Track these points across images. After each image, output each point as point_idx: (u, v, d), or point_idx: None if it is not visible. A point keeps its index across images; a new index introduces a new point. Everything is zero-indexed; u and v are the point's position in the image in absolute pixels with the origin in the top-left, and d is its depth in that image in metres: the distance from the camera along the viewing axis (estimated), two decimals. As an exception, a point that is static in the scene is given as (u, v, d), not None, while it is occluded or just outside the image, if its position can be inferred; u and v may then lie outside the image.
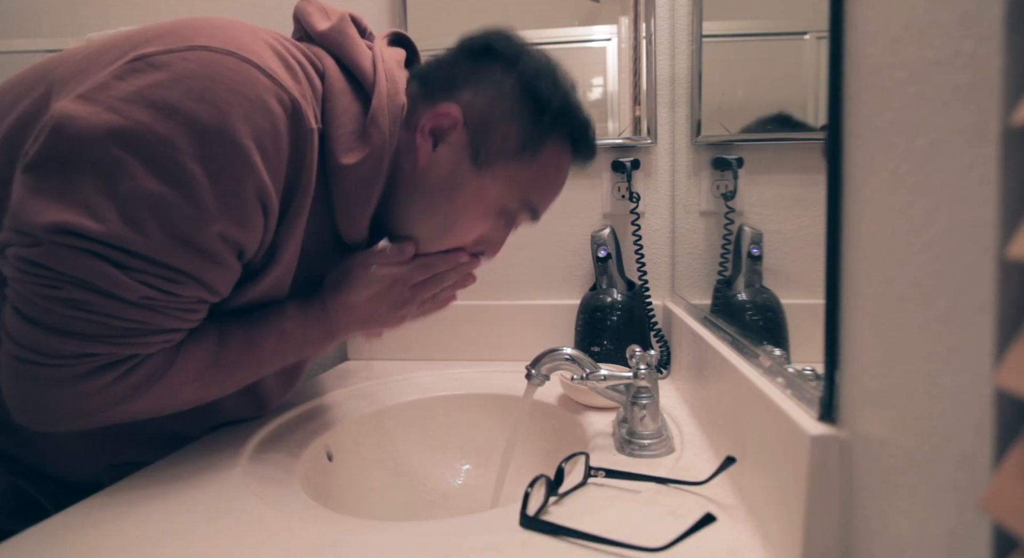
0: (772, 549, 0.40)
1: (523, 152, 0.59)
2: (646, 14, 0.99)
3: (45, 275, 0.45)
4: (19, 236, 0.45)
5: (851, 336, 0.34)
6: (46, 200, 0.44)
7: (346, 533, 0.44)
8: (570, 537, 0.42)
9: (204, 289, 0.50)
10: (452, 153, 0.59)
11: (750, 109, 0.73)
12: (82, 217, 0.44)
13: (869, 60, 0.31)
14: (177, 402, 0.55)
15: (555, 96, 0.60)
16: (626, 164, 0.99)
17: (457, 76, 0.60)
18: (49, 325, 0.46)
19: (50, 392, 0.48)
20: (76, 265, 0.44)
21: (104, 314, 0.46)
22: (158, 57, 0.46)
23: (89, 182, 0.44)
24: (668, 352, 0.92)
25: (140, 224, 0.45)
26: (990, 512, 0.19)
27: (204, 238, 0.47)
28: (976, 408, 0.23)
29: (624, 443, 0.60)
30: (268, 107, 0.48)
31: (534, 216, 0.64)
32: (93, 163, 0.44)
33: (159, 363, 0.51)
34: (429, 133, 0.59)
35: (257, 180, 0.48)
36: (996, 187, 0.21)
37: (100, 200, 0.44)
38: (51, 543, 0.44)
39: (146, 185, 0.45)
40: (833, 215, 0.35)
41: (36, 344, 0.47)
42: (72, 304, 0.46)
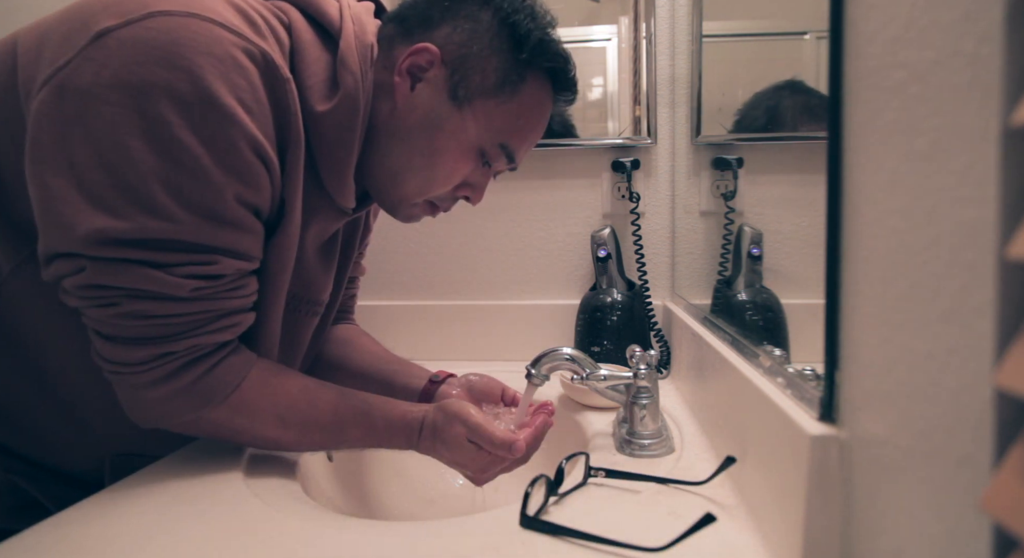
0: (772, 549, 0.40)
1: (502, 89, 0.58)
2: (646, 14, 0.99)
3: (101, 295, 0.47)
4: (65, 263, 0.47)
5: (851, 336, 0.34)
6: (67, 210, 0.45)
7: (346, 533, 0.44)
8: (570, 537, 0.42)
9: (241, 260, 0.51)
10: (430, 91, 0.58)
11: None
12: (107, 219, 0.45)
13: (869, 60, 0.31)
14: (258, 430, 0.55)
15: (534, 31, 0.59)
16: (626, 164, 0.99)
17: (433, 14, 0.59)
18: (125, 337, 0.49)
19: (148, 395, 0.51)
20: (123, 277, 0.46)
21: (165, 315, 0.49)
22: (122, 31, 0.46)
23: (102, 182, 0.45)
24: (668, 352, 0.92)
25: (159, 209, 0.46)
26: (990, 512, 0.19)
27: (222, 206, 0.48)
28: (976, 408, 0.23)
29: (624, 443, 0.60)
30: (239, 63, 0.47)
31: (511, 161, 0.63)
32: (95, 158, 0.45)
33: (238, 368, 0.53)
34: (407, 72, 0.58)
35: (249, 137, 0.48)
36: (996, 187, 0.21)
37: (116, 197, 0.45)
38: (51, 542, 0.43)
39: (150, 167, 0.45)
40: (833, 215, 0.35)
41: (121, 357, 0.49)
42: (135, 315, 0.48)
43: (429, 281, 1.08)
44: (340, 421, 0.58)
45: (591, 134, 1.03)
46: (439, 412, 0.58)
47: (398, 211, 0.65)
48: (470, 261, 1.07)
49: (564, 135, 1.03)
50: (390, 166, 0.61)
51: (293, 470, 0.59)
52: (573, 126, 1.03)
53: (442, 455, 0.59)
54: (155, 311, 0.48)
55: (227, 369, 0.53)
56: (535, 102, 0.61)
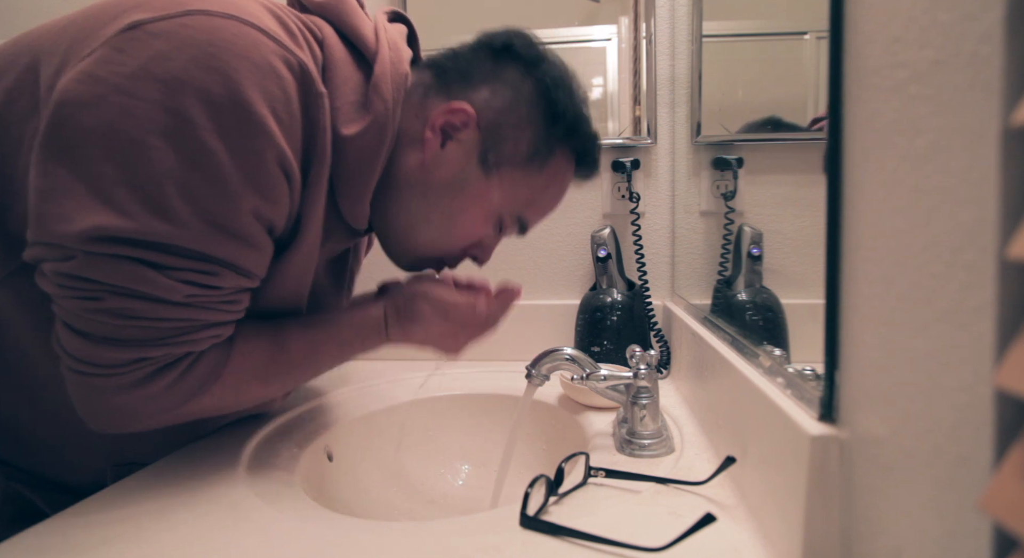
0: (772, 549, 0.40)
1: (532, 160, 0.59)
2: (646, 14, 0.99)
3: (85, 288, 0.44)
4: (51, 250, 0.43)
5: (851, 336, 0.34)
6: (67, 202, 0.42)
7: (346, 533, 0.44)
8: (570, 537, 0.42)
9: (242, 277, 0.49)
10: (461, 152, 0.58)
11: (750, 109, 0.73)
12: (110, 217, 0.42)
13: (869, 60, 0.31)
14: (243, 399, 0.55)
15: (570, 107, 0.59)
16: (626, 164, 0.99)
17: (474, 72, 0.58)
18: (99, 336, 0.46)
19: (114, 400, 0.48)
20: (114, 273, 0.44)
21: (150, 318, 0.46)
22: (155, 24, 0.43)
23: (109, 176, 0.42)
24: (668, 352, 0.92)
25: (169, 211, 0.44)
26: (990, 512, 0.19)
27: (235, 218, 0.46)
28: (976, 408, 0.23)
29: (624, 443, 0.60)
30: (277, 72, 0.46)
31: (523, 230, 0.64)
32: (109, 151, 0.42)
33: (215, 361, 0.51)
34: (440, 129, 0.57)
35: (277, 149, 0.46)
36: (996, 187, 0.21)
37: (123, 193, 0.43)
38: (51, 542, 0.43)
39: (168, 168, 0.43)
40: (833, 215, 0.35)
41: (91, 356, 0.46)
42: (117, 313, 0.45)
43: (429, 281, 1.08)
44: (314, 351, 0.57)
45: (591, 134, 1.03)
46: (398, 297, 0.61)
47: (403, 260, 0.65)
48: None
49: None
50: (407, 218, 0.60)
51: (293, 470, 0.59)
52: None
53: (413, 335, 0.61)
54: (140, 312, 0.45)
55: (203, 367, 0.51)
56: (559, 176, 0.62)
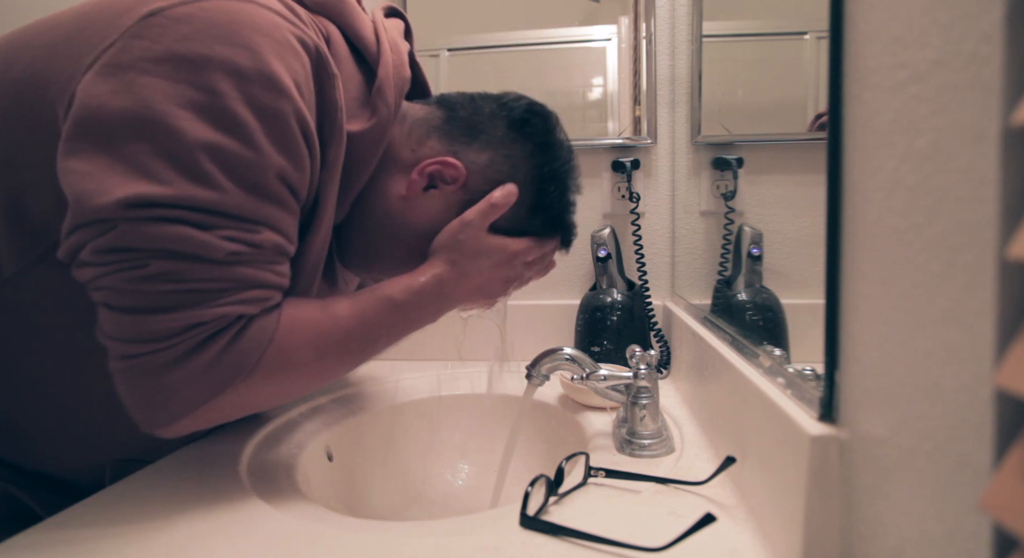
0: (772, 549, 0.40)
1: (507, 235, 0.61)
2: (646, 14, 0.99)
3: (128, 258, 0.43)
4: (90, 229, 0.43)
5: (851, 336, 0.34)
6: (105, 179, 0.42)
7: (346, 533, 0.44)
8: (570, 537, 0.42)
9: (280, 236, 0.49)
10: (441, 204, 0.59)
11: (750, 109, 0.73)
12: (148, 185, 0.42)
13: (869, 60, 0.31)
14: (297, 377, 0.51)
15: (556, 204, 0.62)
16: (626, 164, 0.99)
17: (483, 133, 0.60)
18: (148, 307, 0.44)
19: (167, 378, 0.45)
20: (156, 237, 0.43)
21: (197, 279, 0.45)
22: (174, 10, 0.44)
23: (143, 150, 0.43)
24: (668, 352, 0.92)
25: (206, 178, 0.44)
26: (990, 512, 0.19)
27: (268, 181, 0.47)
28: (976, 408, 0.23)
29: (624, 443, 0.60)
30: (295, 48, 0.47)
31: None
32: (141, 132, 0.43)
33: (265, 326, 0.49)
34: (427, 174, 0.58)
35: (300, 117, 0.47)
36: (996, 187, 0.21)
37: (159, 165, 0.43)
38: (50, 543, 0.43)
39: (200, 137, 0.43)
40: (833, 215, 0.35)
41: (141, 333, 0.44)
42: (163, 278, 0.44)
43: (429, 281, 1.08)
44: (363, 317, 0.55)
45: (591, 134, 1.03)
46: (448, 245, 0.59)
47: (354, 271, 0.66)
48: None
49: None
50: (367, 248, 0.62)
51: (293, 470, 0.59)
52: None
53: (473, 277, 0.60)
54: (186, 274, 0.44)
55: (255, 331, 0.48)
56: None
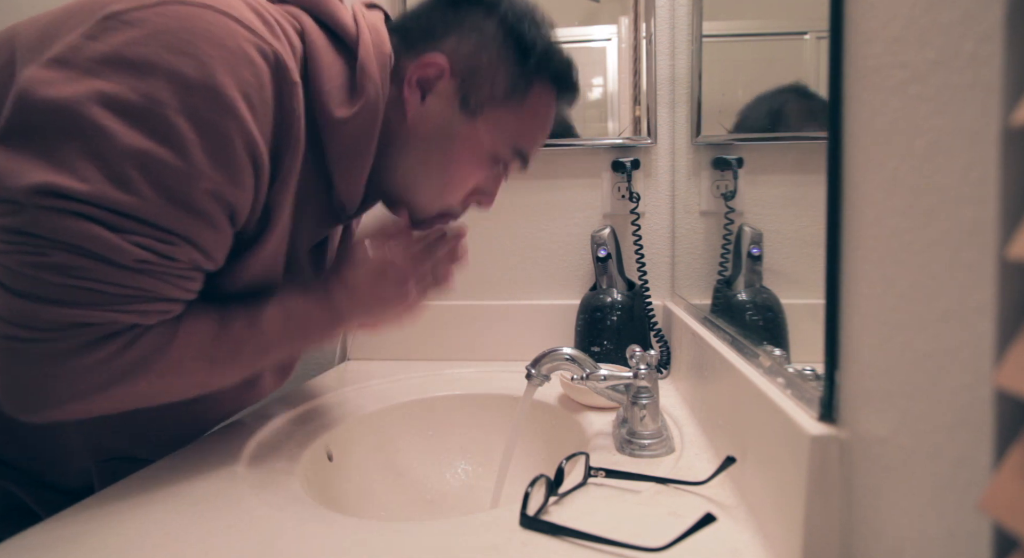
0: (772, 549, 0.40)
1: (512, 96, 0.60)
2: (646, 14, 0.99)
3: (31, 243, 0.42)
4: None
5: (851, 336, 0.34)
6: (25, 163, 0.41)
7: (346, 533, 0.44)
8: (570, 537, 0.42)
9: (198, 252, 0.48)
10: (441, 103, 0.59)
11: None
12: (66, 178, 0.41)
13: (869, 60, 0.31)
14: (184, 384, 0.52)
15: (539, 38, 0.60)
16: (626, 164, 0.99)
17: (437, 25, 0.60)
18: (40, 295, 0.43)
19: (45, 369, 0.45)
20: (64, 229, 0.42)
21: (97, 279, 0.44)
22: (131, 14, 0.44)
23: (70, 146, 0.42)
24: (668, 352, 0.92)
25: (127, 183, 0.43)
26: (990, 512, 0.19)
27: (195, 196, 0.45)
28: (976, 408, 0.23)
29: (624, 443, 0.60)
30: (251, 59, 0.46)
31: (524, 163, 0.65)
32: (71, 128, 0.42)
33: (160, 337, 0.49)
34: (416, 85, 0.58)
35: (246, 134, 0.46)
36: (996, 187, 0.21)
37: (83, 163, 0.42)
38: (50, 543, 0.43)
39: (130, 143, 0.43)
40: (833, 215, 0.35)
41: (28, 318, 0.44)
42: (63, 270, 0.43)
43: (429, 281, 1.08)
44: (258, 326, 0.54)
45: (591, 134, 1.03)
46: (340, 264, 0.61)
47: (413, 219, 0.65)
48: (470, 261, 1.07)
49: (564, 135, 1.03)
50: (403, 178, 0.61)
51: (293, 469, 0.59)
52: (572, 126, 1.04)
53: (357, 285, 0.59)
54: (87, 272, 0.43)
55: (150, 341, 0.48)
56: (542, 105, 0.63)
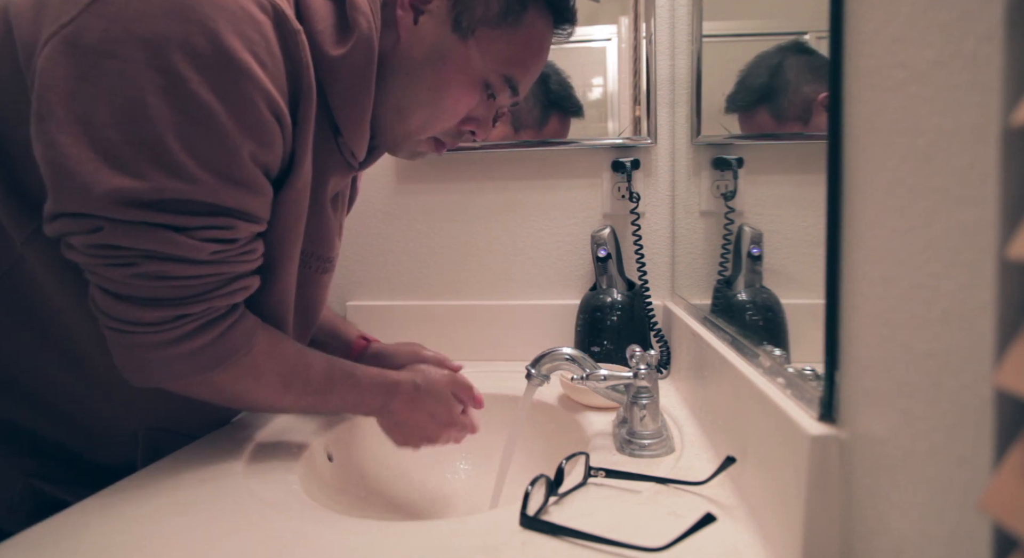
0: (772, 549, 0.40)
1: (505, 18, 0.59)
2: (646, 14, 0.99)
3: (118, 255, 0.46)
4: (76, 221, 0.45)
5: (851, 336, 0.34)
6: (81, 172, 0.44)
7: (346, 533, 0.44)
8: (570, 537, 0.42)
9: (252, 223, 0.51)
10: (433, 23, 0.59)
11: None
12: (125, 180, 0.44)
13: (869, 60, 0.31)
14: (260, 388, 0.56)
15: None
16: (626, 164, 0.99)
17: None
18: (140, 298, 0.48)
19: (156, 355, 0.50)
20: (142, 239, 0.46)
21: (183, 277, 0.48)
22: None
23: (113, 137, 0.44)
24: (668, 352, 0.92)
25: (178, 169, 0.45)
26: (990, 512, 0.19)
27: (238, 166, 0.48)
28: (976, 408, 0.23)
29: (624, 443, 0.60)
30: (252, 15, 0.47)
31: (515, 92, 0.64)
32: (108, 114, 0.44)
33: (249, 331, 0.54)
34: (409, 5, 0.58)
35: (265, 94, 0.48)
36: (996, 187, 0.21)
37: (131, 154, 0.44)
38: (50, 542, 0.43)
39: (167, 123, 0.45)
40: (833, 215, 0.35)
41: (134, 317, 0.48)
42: (152, 275, 0.47)
43: (429, 281, 1.08)
44: (331, 383, 0.60)
45: (591, 134, 1.03)
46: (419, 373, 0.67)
47: (402, 148, 0.66)
48: (470, 261, 1.07)
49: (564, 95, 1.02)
50: (395, 102, 0.61)
51: (293, 470, 0.59)
52: (571, 86, 1.03)
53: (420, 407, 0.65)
54: (173, 272, 0.48)
55: (240, 332, 0.53)
56: (537, 32, 0.62)
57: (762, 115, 0.70)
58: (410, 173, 1.07)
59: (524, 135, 1.03)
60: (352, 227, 1.09)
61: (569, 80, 1.03)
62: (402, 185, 1.08)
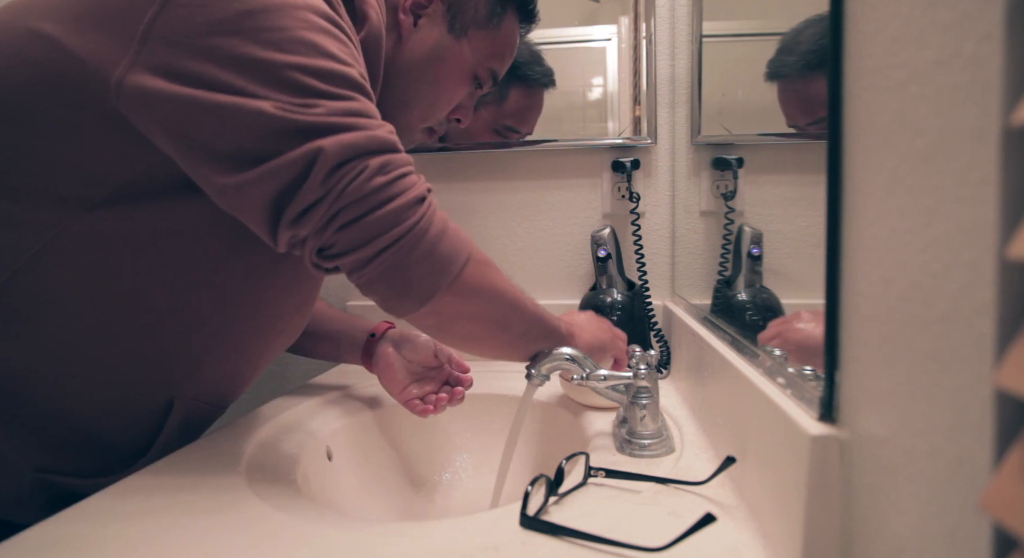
0: (772, 549, 0.40)
1: (491, 20, 0.69)
2: (646, 14, 0.99)
3: (345, 170, 0.48)
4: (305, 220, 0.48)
5: (851, 336, 0.34)
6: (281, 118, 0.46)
7: (346, 533, 0.44)
8: (570, 537, 0.42)
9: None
10: (432, 25, 0.67)
11: (750, 109, 0.73)
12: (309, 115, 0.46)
13: (869, 60, 0.31)
14: (500, 280, 0.58)
15: None
16: (626, 164, 0.99)
17: None
18: (380, 200, 0.49)
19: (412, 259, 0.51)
20: (354, 145, 0.48)
21: (400, 164, 0.52)
22: None
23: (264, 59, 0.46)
24: (668, 352, 0.92)
25: (317, 86, 0.48)
26: (990, 512, 0.19)
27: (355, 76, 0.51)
28: (976, 408, 0.23)
29: (624, 443, 0.60)
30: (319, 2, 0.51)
31: (494, 82, 0.74)
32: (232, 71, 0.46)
33: (455, 227, 0.55)
34: (410, 10, 0.65)
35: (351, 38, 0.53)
36: (996, 187, 0.21)
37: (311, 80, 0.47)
38: (50, 543, 0.44)
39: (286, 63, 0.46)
40: (833, 215, 0.35)
41: (384, 227, 0.49)
42: (381, 170, 0.50)
43: (429, 281, 1.08)
44: (540, 314, 0.63)
45: (591, 134, 1.03)
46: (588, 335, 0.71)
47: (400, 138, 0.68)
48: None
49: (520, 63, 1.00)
50: (398, 97, 0.67)
51: (293, 470, 0.59)
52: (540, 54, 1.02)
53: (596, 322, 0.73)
54: (393, 161, 0.50)
55: (454, 229, 0.54)
56: (512, 31, 0.73)
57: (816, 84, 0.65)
58: (410, 173, 1.07)
59: (484, 112, 1.01)
60: (352, 227, 1.08)
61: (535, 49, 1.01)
62: (402, 185, 1.08)
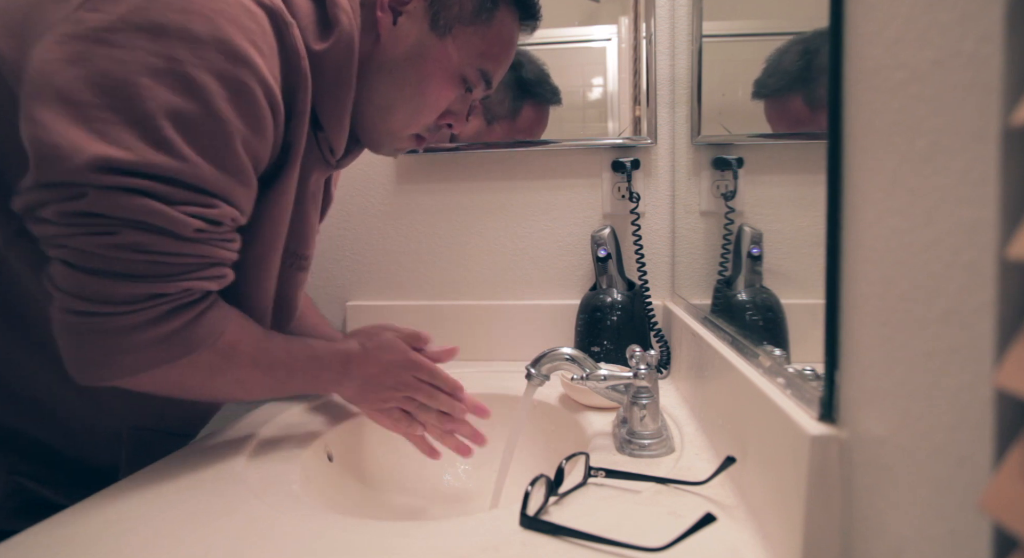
0: (772, 549, 0.40)
1: (479, 16, 0.62)
2: (646, 14, 0.99)
3: (98, 224, 0.45)
4: (56, 190, 0.44)
5: (851, 336, 0.34)
6: (69, 135, 0.43)
7: (346, 533, 0.44)
8: (570, 537, 0.42)
9: (236, 210, 0.51)
10: (413, 23, 0.61)
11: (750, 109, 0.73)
12: (111, 149, 0.43)
13: (869, 60, 0.31)
14: (233, 373, 0.55)
15: None
16: (626, 164, 0.99)
17: None
18: (116, 272, 0.46)
19: (123, 343, 0.47)
20: (127, 207, 0.44)
21: (163, 252, 0.47)
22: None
23: (105, 116, 0.44)
24: (668, 352, 0.92)
25: (168, 145, 0.45)
26: (990, 512, 0.19)
27: (229, 150, 0.48)
28: (976, 408, 0.23)
29: (624, 443, 0.60)
30: (248, 7, 0.48)
31: (488, 85, 0.67)
32: (100, 97, 0.44)
33: (222, 317, 0.53)
34: (388, 7, 0.60)
35: (262, 82, 0.48)
36: (996, 187, 0.21)
37: (121, 130, 0.44)
38: (50, 543, 0.43)
39: (161, 104, 0.44)
40: (833, 215, 0.35)
41: (104, 294, 0.46)
42: (133, 247, 0.46)
43: (429, 281, 1.08)
44: (291, 354, 0.59)
45: (591, 134, 1.03)
46: (362, 334, 0.68)
47: (385, 145, 0.67)
48: (470, 261, 1.07)
49: (535, 81, 1.01)
50: (379, 101, 0.63)
51: (293, 470, 0.59)
52: (547, 74, 1.02)
53: (373, 364, 0.65)
54: (155, 246, 0.46)
55: (216, 315, 0.52)
56: (506, 28, 0.65)
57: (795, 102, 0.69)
58: (410, 173, 1.07)
59: (497, 127, 1.02)
60: (352, 227, 1.09)
61: (544, 67, 1.02)
62: (402, 185, 1.08)
